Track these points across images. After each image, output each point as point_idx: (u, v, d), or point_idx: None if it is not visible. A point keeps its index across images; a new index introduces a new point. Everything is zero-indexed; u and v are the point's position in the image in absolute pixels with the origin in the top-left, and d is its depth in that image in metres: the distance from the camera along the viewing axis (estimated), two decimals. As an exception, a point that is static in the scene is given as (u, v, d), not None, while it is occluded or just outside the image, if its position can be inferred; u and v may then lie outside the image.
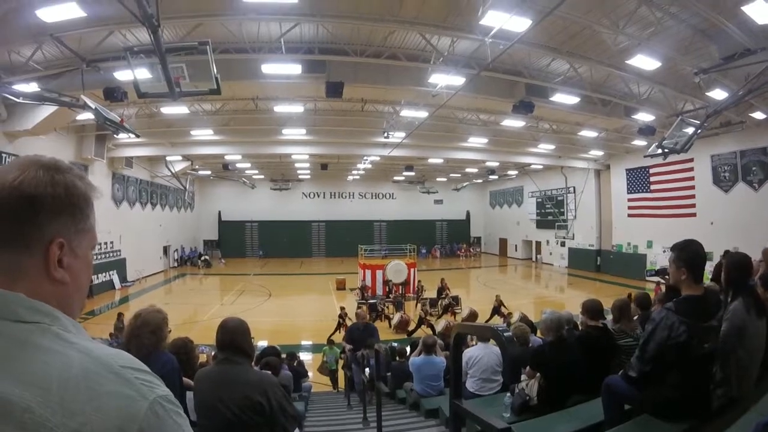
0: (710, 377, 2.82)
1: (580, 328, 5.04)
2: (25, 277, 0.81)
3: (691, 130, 14.01)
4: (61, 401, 0.71)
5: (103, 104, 12.69)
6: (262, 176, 40.09)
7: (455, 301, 19.00)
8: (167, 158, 28.33)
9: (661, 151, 14.90)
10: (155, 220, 32.45)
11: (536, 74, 15.25)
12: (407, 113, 18.25)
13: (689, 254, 2.70)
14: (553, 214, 37.06)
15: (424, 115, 17.58)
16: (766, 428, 2.00)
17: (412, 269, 23.39)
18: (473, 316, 16.93)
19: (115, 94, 12.78)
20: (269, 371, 4.46)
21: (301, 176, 40.95)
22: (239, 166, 33.48)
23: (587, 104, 17.43)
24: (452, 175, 40.96)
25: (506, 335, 1.93)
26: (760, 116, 17.59)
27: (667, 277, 3.89)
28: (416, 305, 19.72)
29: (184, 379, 3.32)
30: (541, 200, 38.78)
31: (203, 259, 38.02)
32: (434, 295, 20.05)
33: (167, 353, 3.16)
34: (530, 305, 20.61)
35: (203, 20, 11.36)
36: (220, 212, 43.64)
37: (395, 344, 11.09)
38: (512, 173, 38.80)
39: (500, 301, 17.17)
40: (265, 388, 2.68)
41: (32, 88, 12.78)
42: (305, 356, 13.01)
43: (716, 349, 2.76)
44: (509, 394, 4.38)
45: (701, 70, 12.43)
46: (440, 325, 15.02)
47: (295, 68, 13.22)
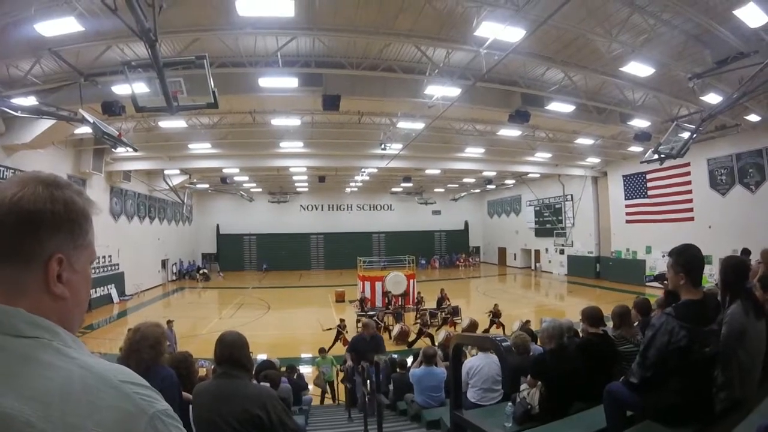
0: (712, 381, 2.81)
1: (580, 335, 5.03)
2: (25, 292, 0.81)
3: (686, 135, 14.09)
4: (62, 416, 0.71)
5: (101, 118, 12.73)
6: (260, 189, 40.10)
7: (455, 311, 18.94)
8: (165, 172, 28.35)
9: (657, 156, 14.98)
10: (153, 233, 32.34)
11: (531, 83, 15.35)
12: (404, 125, 18.33)
13: (687, 259, 2.71)
14: (551, 222, 37.12)
15: (420, 126, 17.66)
16: (768, 431, 1.99)
17: (411, 280, 23.32)
18: (473, 326, 16.90)
19: (113, 108, 12.80)
20: (268, 384, 4.43)
21: (299, 189, 40.95)
22: (237, 179, 33.48)
23: (583, 112, 17.52)
24: (450, 185, 41.05)
25: (504, 345, 1.92)
26: (754, 119, 17.67)
27: (665, 282, 3.90)
28: (416, 316, 19.65)
29: (183, 393, 3.30)
30: (539, 208, 38.85)
31: (202, 272, 37.84)
32: (434, 305, 19.99)
33: (167, 367, 3.15)
34: (531, 314, 20.47)
35: (200, 35, 11.44)
36: (218, 225, 43.59)
37: (395, 356, 11.03)
38: (509, 182, 38.89)
39: (497, 309, 17.18)
40: (264, 401, 2.66)
41: (30, 101, 12.81)
42: (305, 369, 12.91)
43: (717, 352, 2.76)
44: (510, 403, 4.35)
45: (695, 74, 12.54)
46: (440, 335, 14.95)
47: (291, 82, 13.30)
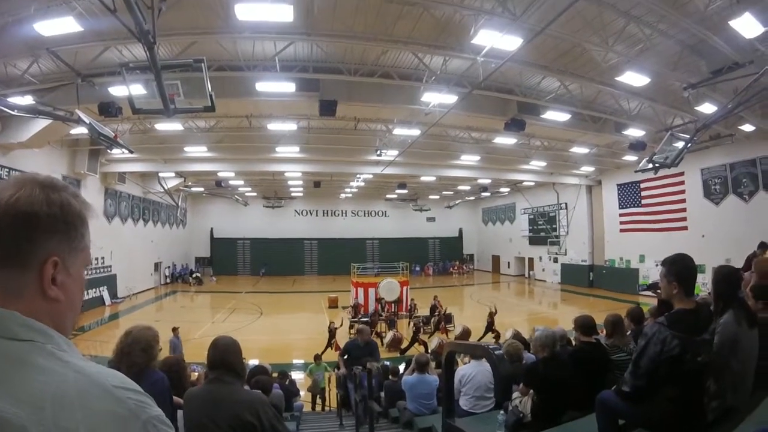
0: (704, 390, 2.81)
1: (573, 344, 5.04)
2: (19, 294, 0.81)
3: (681, 144, 14.16)
4: (55, 420, 0.71)
5: (97, 119, 12.69)
6: (254, 194, 40.05)
7: (448, 318, 18.92)
8: (160, 174, 28.30)
9: (651, 166, 15.04)
10: (147, 236, 32.22)
11: (528, 92, 15.45)
12: (400, 131, 18.40)
13: (680, 268, 2.72)
14: (545, 230, 37.23)
15: (416, 133, 17.71)
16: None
17: (404, 287, 23.31)
18: (466, 333, 16.86)
19: (109, 109, 12.78)
20: (260, 390, 4.40)
21: (293, 194, 40.96)
22: (232, 183, 33.42)
23: (578, 121, 17.63)
24: (445, 192, 41.14)
25: (497, 353, 1.92)
26: (749, 128, 17.80)
27: (659, 291, 3.93)
28: (409, 323, 19.61)
29: (174, 398, 3.27)
30: (533, 217, 38.99)
31: (195, 276, 37.72)
32: (427, 312, 19.96)
33: (158, 371, 3.13)
34: (524, 322, 20.54)
35: (198, 38, 11.46)
36: (212, 229, 43.46)
37: (387, 363, 10.98)
38: (504, 190, 39.02)
39: (492, 317, 17.13)
40: (256, 407, 2.64)
41: (27, 101, 12.75)
42: (297, 375, 12.85)
43: (710, 362, 2.76)
44: (502, 411, 4.35)
45: (690, 84, 12.63)
46: (433, 342, 14.94)
47: (289, 86, 13.33)
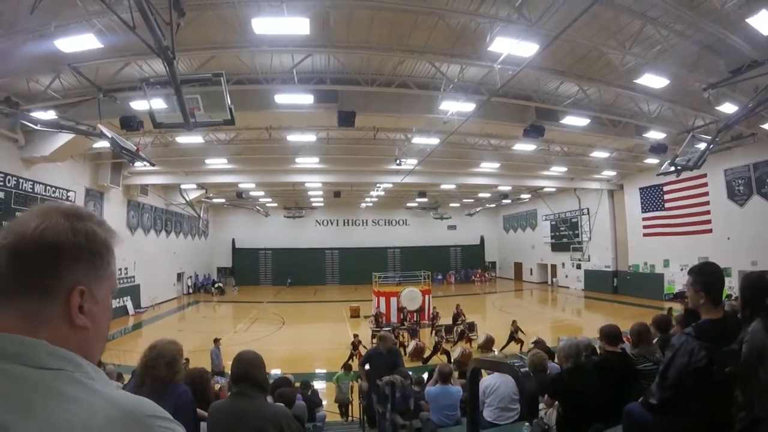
0: (732, 401, 2.74)
1: (599, 352, 4.96)
2: (47, 323, 0.82)
3: (702, 145, 13.90)
4: None
5: (119, 133, 12.99)
6: (275, 204, 40.37)
7: (471, 327, 18.76)
8: (182, 186, 28.79)
9: (673, 168, 14.78)
10: (169, 247, 32.75)
11: (546, 98, 15.35)
12: (419, 140, 18.42)
13: (706, 277, 2.67)
14: (567, 236, 36.77)
15: (435, 141, 17.70)
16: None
17: (426, 296, 23.17)
18: (489, 342, 16.82)
19: (131, 123, 13.06)
20: (283, 403, 4.42)
21: (314, 204, 41.16)
22: (253, 194, 33.77)
23: (598, 125, 17.44)
24: (465, 200, 40.98)
25: (522, 371, 1.89)
26: (771, 127, 17.39)
27: (686, 300, 3.84)
28: (431, 332, 19.50)
29: (198, 410, 3.30)
30: (555, 223, 38.56)
31: (217, 286, 38.12)
32: (449, 321, 19.83)
33: (182, 385, 3.15)
34: (547, 330, 20.28)
35: (217, 52, 11.67)
36: (234, 240, 43.94)
37: (410, 372, 10.89)
38: (525, 197, 38.65)
39: (517, 326, 16.90)
40: (279, 421, 2.65)
41: (50, 115, 13.17)
42: (319, 384, 12.84)
43: (737, 372, 2.70)
44: (527, 423, 4.29)
45: (709, 85, 12.44)
46: (456, 352, 14.82)
47: (307, 98, 13.47)
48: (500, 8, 10.16)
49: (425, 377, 8.86)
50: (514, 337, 16.61)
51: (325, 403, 10.76)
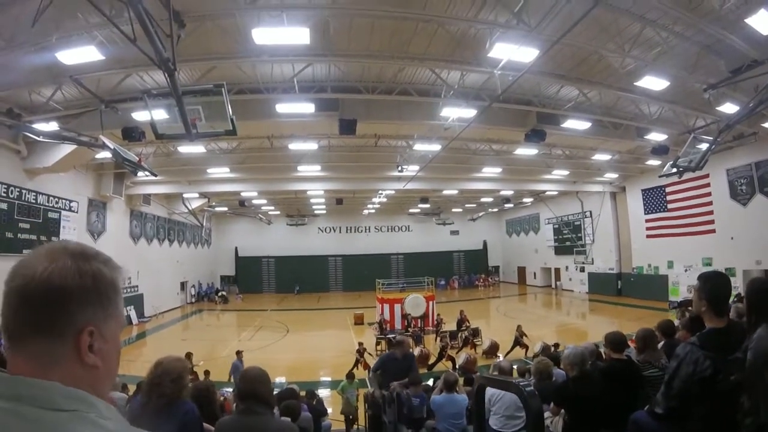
0: (738, 407, 2.74)
1: (604, 356, 4.94)
2: (58, 364, 0.83)
3: (704, 146, 13.89)
4: None
5: (121, 143, 13.05)
6: (278, 212, 40.44)
7: (475, 333, 18.71)
8: (184, 195, 28.85)
9: (676, 170, 14.77)
10: (172, 256, 32.79)
11: (546, 102, 15.36)
12: (420, 147, 18.44)
13: (711, 288, 2.68)
14: (570, 239, 36.70)
15: (437, 148, 17.71)
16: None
17: (430, 302, 23.12)
18: (494, 347, 16.76)
19: (133, 133, 13.15)
20: (289, 416, 4.41)
21: (316, 211, 41.20)
22: (255, 202, 33.86)
23: (599, 128, 17.43)
24: (467, 205, 40.97)
25: (528, 390, 1.89)
26: (772, 126, 17.37)
27: (690, 308, 3.84)
28: (436, 338, 19.45)
29: (204, 425, 3.30)
30: (557, 226, 38.51)
31: (220, 294, 38.14)
32: (454, 327, 19.77)
33: (188, 402, 3.16)
34: (552, 334, 20.20)
35: (218, 63, 11.73)
36: (236, 248, 44.03)
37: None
38: (527, 201, 38.64)
39: (522, 331, 16.85)
40: (287, 437, 2.66)
41: (52, 127, 13.23)
42: (324, 392, 12.78)
43: (743, 379, 2.69)
44: None
45: (710, 85, 12.45)
46: (461, 358, 14.78)
47: (308, 107, 13.53)
48: (499, 14, 10.17)
49: (430, 384, 8.81)
50: (519, 342, 16.55)
51: (330, 411, 10.69)
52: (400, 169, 20.10)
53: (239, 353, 13.49)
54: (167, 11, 7.30)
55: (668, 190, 26.45)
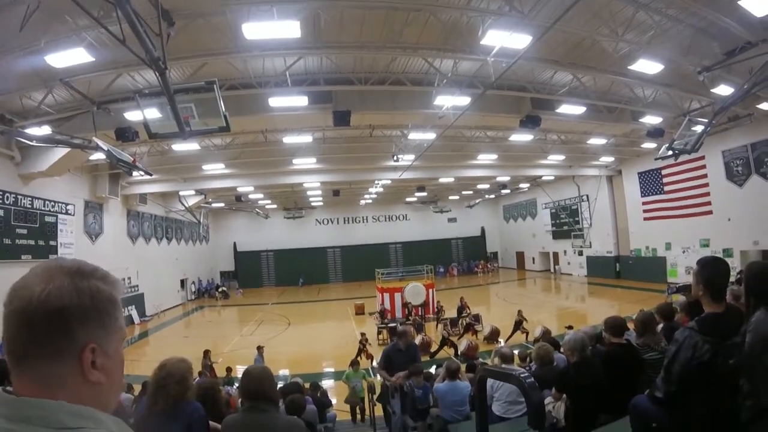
0: (738, 391, 2.78)
1: (604, 339, 4.99)
2: (62, 383, 0.84)
3: (699, 128, 13.92)
4: None
5: (115, 144, 12.98)
6: (275, 206, 40.38)
7: (476, 319, 18.83)
8: (180, 193, 28.80)
9: (671, 153, 14.79)
10: (171, 254, 32.79)
11: (541, 88, 15.31)
12: (415, 136, 18.43)
13: (709, 273, 2.70)
14: (568, 223, 36.82)
15: (432, 136, 17.70)
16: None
17: (430, 290, 23.22)
18: (495, 333, 16.88)
19: (126, 133, 13.07)
20: (294, 410, 4.45)
21: (313, 204, 41.23)
22: (252, 197, 33.82)
23: (594, 113, 17.40)
24: (464, 192, 40.96)
25: (528, 382, 1.91)
26: (767, 107, 17.39)
27: (689, 293, 3.88)
28: (437, 326, 19.56)
29: (211, 423, 3.34)
30: (555, 211, 38.61)
31: (221, 290, 38.20)
32: (454, 314, 19.88)
33: (194, 402, 3.19)
34: (552, 318, 20.37)
35: (209, 59, 11.63)
36: (235, 243, 44.03)
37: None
38: (524, 186, 38.67)
39: (522, 316, 16.97)
40: (293, 432, 2.69)
41: (45, 131, 13.13)
42: (327, 383, 12.84)
43: (742, 363, 2.73)
44: None
45: (704, 68, 12.41)
46: (462, 344, 14.88)
47: (301, 100, 13.46)
48: (491, 1, 10.11)
49: (433, 370, 8.88)
50: (519, 326, 16.67)
51: (334, 401, 10.74)
52: (395, 158, 20.13)
53: (260, 348, 13.53)
54: (156, 10, 7.24)
55: (664, 172, 26.52)
